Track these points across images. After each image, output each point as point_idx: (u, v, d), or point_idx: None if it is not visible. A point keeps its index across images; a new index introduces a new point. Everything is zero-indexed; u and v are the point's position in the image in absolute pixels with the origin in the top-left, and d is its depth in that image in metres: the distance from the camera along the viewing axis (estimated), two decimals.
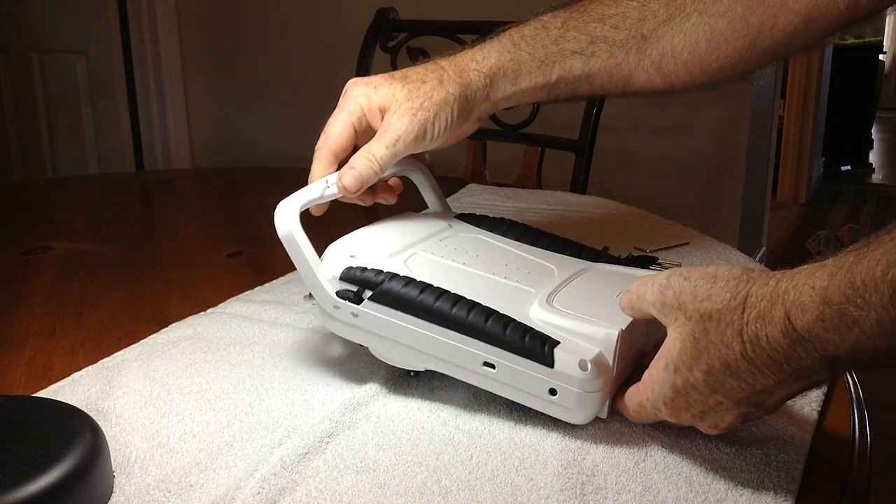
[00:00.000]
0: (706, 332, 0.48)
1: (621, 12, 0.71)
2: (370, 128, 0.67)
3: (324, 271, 0.59)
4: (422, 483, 0.49)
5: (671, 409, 0.51)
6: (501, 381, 0.55)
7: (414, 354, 0.58)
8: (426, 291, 0.56)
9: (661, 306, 0.50)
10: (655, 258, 0.86)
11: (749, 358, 0.46)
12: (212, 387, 0.61)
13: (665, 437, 0.54)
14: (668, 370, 0.50)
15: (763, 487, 0.49)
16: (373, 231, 0.66)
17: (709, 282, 0.48)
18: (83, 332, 0.73)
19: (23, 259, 0.95)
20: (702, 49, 0.69)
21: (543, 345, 0.53)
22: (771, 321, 0.45)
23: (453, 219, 0.71)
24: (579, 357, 0.52)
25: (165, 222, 1.19)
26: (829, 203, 4.35)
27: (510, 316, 0.55)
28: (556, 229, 0.72)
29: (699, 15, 0.69)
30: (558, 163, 1.57)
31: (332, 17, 2.61)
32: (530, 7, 0.72)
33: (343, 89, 0.68)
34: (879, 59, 5.24)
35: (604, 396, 0.54)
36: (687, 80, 0.71)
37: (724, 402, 0.49)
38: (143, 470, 0.51)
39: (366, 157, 0.64)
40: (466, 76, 0.68)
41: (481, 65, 0.69)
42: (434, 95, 0.65)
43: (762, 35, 0.67)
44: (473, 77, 0.68)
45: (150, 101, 2.88)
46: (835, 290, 0.42)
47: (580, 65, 0.71)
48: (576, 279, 0.62)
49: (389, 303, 0.57)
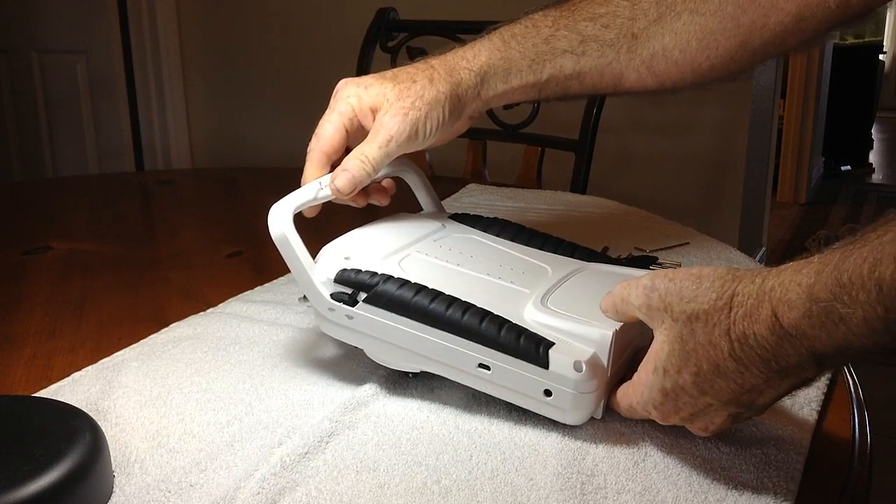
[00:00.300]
0: (693, 334, 0.47)
1: (612, 11, 0.71)
2: (362, 128, 0.67)
3: (318, 273, 0.59)
4: (422, 483, 0.49)
5: (661, 412, 0.51)
6: (496, 382, 0.55)
7: (409, 356, 0.58)
8: (421, 293, 0.56)
9: (646, 309, 0.50)
10: (655, 258, 0.86)
11: (737, 357, 0.46)
12: (212, 387, 0.61)
13: (665, 437, 0.54)
14: (656, 373, 0.50)
15: (763, 487, 0.49)
16: (367, 232, 0.66)
17: (694, 283, 0.48)
18: (83, 332, 0.73)
19: (23, 259, 0.95)
20: (692, 48, 0.69)
21: (538, 346, 0.53)
22: (758, 319, 0.45)
23: (447, 219, 0.71)
24: (574, 358, 0.52)
25: (165, 222, 1.19)
26: (829, 203, 4.35)
27: (505, 317, 0.55)
28: (556, 229, 0.72)
29: (690, 14, 0.69)
30: (558, 163, 1.57)
31: (332, 17, 2.61)
32: (529, 7, 0.72)
33: (334, 90, 0.68)
34: (879, 59, 5.24)
35: (599, 397, 0.54)
36: (678, 80, 0.71)
37: (713, 403, 0.48)
38: (143, 470, 0.51)
39: (358, 158, 0.64)
40: (457, 75, 0.68)
41: (472, 63, 0.69)
42: (425, 94, 0.65)
43: (753, 34, 0.67)
44: (464, 76, 0.68)
45: (150, 101, 2.88)
46: (822, 287, 0.42)
47: (571, 64, 0.71)
48: (570, 279, 0.62)
49: (384, 305, 0.57)
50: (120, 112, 2.91)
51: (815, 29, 0.66)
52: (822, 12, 0.65)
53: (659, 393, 0.50)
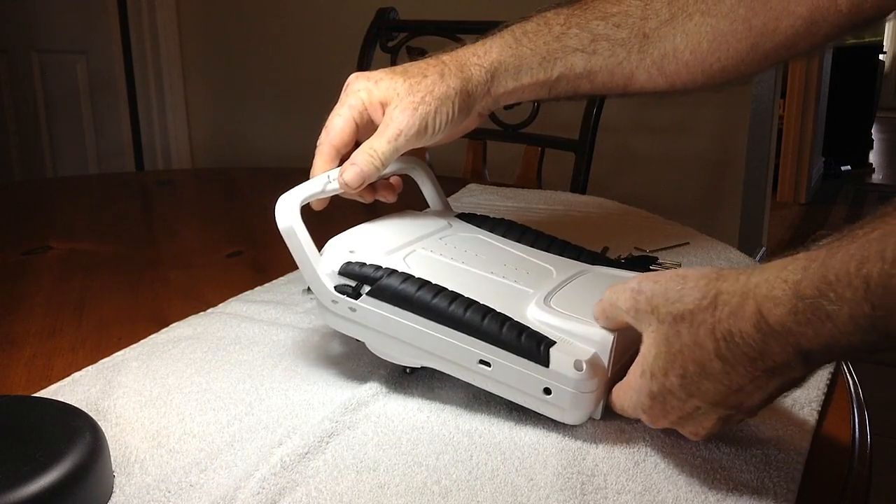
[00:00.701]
0: (679, 335, 0.47)
1: (624, 10, 0.71)
2: (371, 122, 0.66)
3: (323, 266, 0.59)
4: (422, 483, 0.49)
5: (649, 415, 0.51)
6: (496, 379, 0.55)
7: (410, 350, 0.58)
8: (424, 288, 0.56)
9: (634, 312, 0.50)
10: (655, 258, 0.86)
11: (723, 356, 0.46)
12: (212, 387, 0.61)
13: (665, 438, 0.54)
14: (644, 377, 0.49)
15: (763, 487, 0.49)
16: (373, 227, 0.66)
17: (679, 283, 0.48)
18: (83, 332, 0.73)
19: (23, 259, 0.95)
20: (703, 50, 0.69)
21: (539, 344, 0.53)
22: (743, 317, 0.44)
23: (454, 218, 0.71)
24: (575, 357, 0.52)
25: (165, 222, 1.19)
26: (829, 203, 4.35)
27: (507, 315, 0.55)
28: (556, 229, 0.72)
29: (701, 15, 0.69)
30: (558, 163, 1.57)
31: (332, 17, 2.61)
32: (530, 7, 0.72)
33: (344, 83, 0.68)
34: (879, 59, 5.24)
35: (598, 397, 0.54)
36: (688, 81, 0.71)
37: (701, 406, 0.48)
38: (143, 470, 0.51)
39: (367, 152, 0.64)
40: (468, 71, 0.68)
41: (482, 59, 0.69)
42: (435, 89, 0.65)
43: (764, 37, 0.67)
44: (474, 72, 0.68)
45: (150, 101, 2.88)
46: (808, 284, 0.42)
47: (582, 62, 0.71)
48: (573, 281, 0.62)
49: (387, 298, 0.57)
50: (120, 112, 2.91)
51: (826, 33, 0.66)
52: (833, 16, 0.65)
53: (647, 397, 0.50)
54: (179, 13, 2.86)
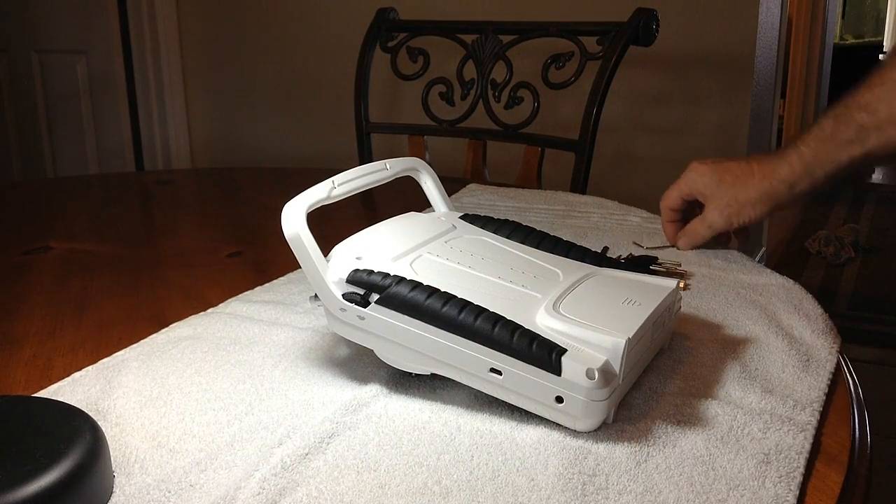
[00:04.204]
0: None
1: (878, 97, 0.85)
2: (695, 198, 0.90)
3: (330, 273, 0.59)
4: (422, 483, 0.49)
5: None
6: (508, 387, 0.55)
7: (420, 358, 0.57)
8: (433, 296, 0.56)
9: None
10: (655, 258, 0.86)
11: None
12: (212, 387, 0.61)
13: (666, 438, 0.54)
14: None
15: (763, 487, 0.49)
16: (378, 232, 0.66)
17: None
18: (83, 332, 0.73)
19: (23, 259, 0.95)
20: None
21: (551, 352, 0.53)
22: None
23: (457, 220, 0.71)
24: (586, 366, 0.52)
25: (165, 222, 1.19)
26: (829, 203, 4.35)
27: (517, 322, 0.55)
28: (556, 229, 0.72)
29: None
30: (558, 163, 1.57)
31: (332, 18, 2.61)
32: (530, 7, 0.72)
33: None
34: (879, 59, 5.24)
35: (610, 404, 0.53)
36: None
37: None
38: (143, 470, 0.51)
39: (695, 229, 0.90)
40: (770, 185, 0.85)
41: (786, 175, 0.84)
42: (739, 196, 0.86)
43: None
44: (778, 188, 0.84)
45: (150, 101, 2.88)
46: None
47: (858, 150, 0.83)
48: (581, 285, 0.62)
49: (396, 307, 0.56)
50: (120, 112, 2.91)
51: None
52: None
53: None
54: (179, 13, 2.87)
